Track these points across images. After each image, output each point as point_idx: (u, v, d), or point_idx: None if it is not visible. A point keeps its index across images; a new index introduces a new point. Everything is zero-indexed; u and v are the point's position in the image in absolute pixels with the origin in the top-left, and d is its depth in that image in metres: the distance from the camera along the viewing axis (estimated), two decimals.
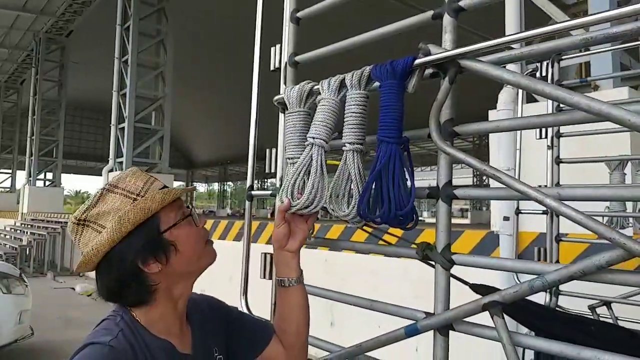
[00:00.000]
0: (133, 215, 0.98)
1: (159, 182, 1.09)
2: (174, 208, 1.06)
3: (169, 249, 1.02)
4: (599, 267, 0.86)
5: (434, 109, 1.14)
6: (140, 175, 1.08)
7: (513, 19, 4.05)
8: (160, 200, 1.02)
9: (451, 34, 1.18)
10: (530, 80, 0.96)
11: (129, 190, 1.03)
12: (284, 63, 1.69)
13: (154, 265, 1.01)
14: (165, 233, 1.02)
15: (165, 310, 1.05)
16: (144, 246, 1.00)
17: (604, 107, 0.84)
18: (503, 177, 0.97)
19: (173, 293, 1.06)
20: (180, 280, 1.07)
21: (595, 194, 0.92)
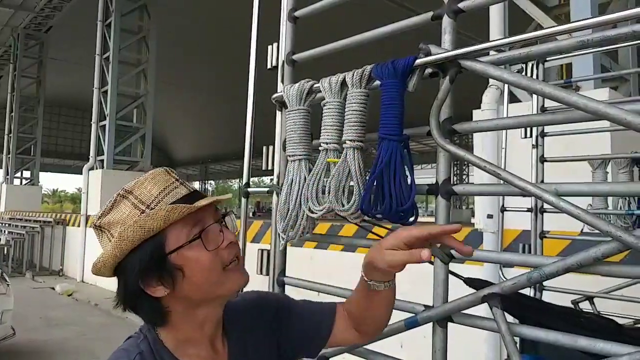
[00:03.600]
0: (132, 233, 0.87)
1: (182, 189, 0.95)
2: (187, 224, 0.91)
3: (176, 274, 0.89)
4: (596, 259, 0.91)
5: (434, 107, 1.17)
6: (161, 180, 0.95)
7: (497, 22, 4.12)
8: (163, 218, 0.88)
9: (450, 34, 1.22)
10: (531, 81, 1.01)
11: (141, 199, 0.92)
12: (281, 61, 1.71)
13: (159, 289, 0.89)
14: (171, 255, 0.89)
15: (191, 334, 0.95)
16: (145, 268, 0.89)
17: (601, 107, 0.89)
18: (503, 174, 1.01)
19: (195, 317, 0.95)
20: (198, 306, 0.94)
21: (592, 189, 0.97)
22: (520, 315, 1.43)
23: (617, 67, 4.75)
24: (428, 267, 1.27)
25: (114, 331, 6.76)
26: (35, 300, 8.82)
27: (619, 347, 0.89)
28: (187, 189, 0.95)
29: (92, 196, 11.15)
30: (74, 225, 11.66)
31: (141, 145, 12.49)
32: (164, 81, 17.93)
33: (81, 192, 11.89)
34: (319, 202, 1.37)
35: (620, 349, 0.88)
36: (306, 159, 1.44)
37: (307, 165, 1.44)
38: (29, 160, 18.47)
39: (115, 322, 7.29)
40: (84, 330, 6.77)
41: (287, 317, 1.10)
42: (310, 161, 1.45)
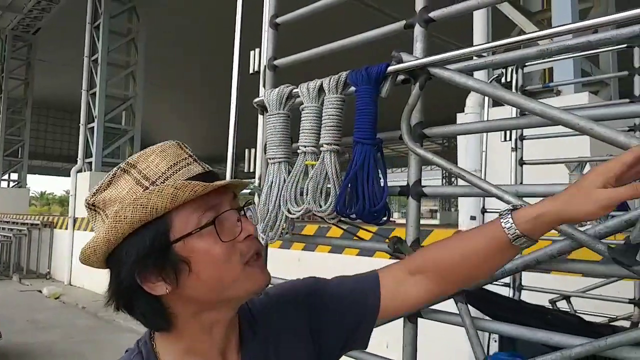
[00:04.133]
0: (131, 213, 0.72)
1: (196, 166, 0.80)
2: (199, 209, 0.75)
3: (180, 267, 0.74)
4: (551, 256, 0.96)
5: (405, 112, 1.23)
6: (170, 154, 0.79)
7: (480, 27, 4.21)
8: (170, 196, 0.72)
9: (422, 43, 1.28)
10: (493, 88, 1.06)
11: (145, 174, 0.76)
12: (263, 66, 1.76)
13: (159, 285, 0.74)
14: (176, 244, 0.74)
15: (195, 344, 0.80)
16: (144, 257, 0.73)
17: (555, 113, 0.95)
18: (467, 176, 1.06)
19: (202, 321, 0.79)
20: (207, 309, 0.79)
21: (550, 190, 1.03)
22: (494, 313, 1.49)
23: (598, 71, 4.85)
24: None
25: (101, 334, 6.75)
26: (22, 303, 8.77)
27: (573, 339, 0.95)
28: (201, 167, 0.80)
29: (80, 199, 11.10)
30: (61, 227, 11.59)
31: (130, 148, 12.44)
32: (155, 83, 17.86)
33: (69, 195, 11.83)
34: (298, 203, 1.42)
35: (573, 340, 0.94)
36: (286, 161, 1.49)
37: (286, 167, 1.49)
38: (16, 162, 18.33)
39: (102, 325, 7.28)
40: (71, 333, 6.74)
41: (321, 302, 0.92)
42: (289, 164, 1.50)
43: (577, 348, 0.92)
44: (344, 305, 0.91)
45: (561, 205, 0.79)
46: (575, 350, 0.92)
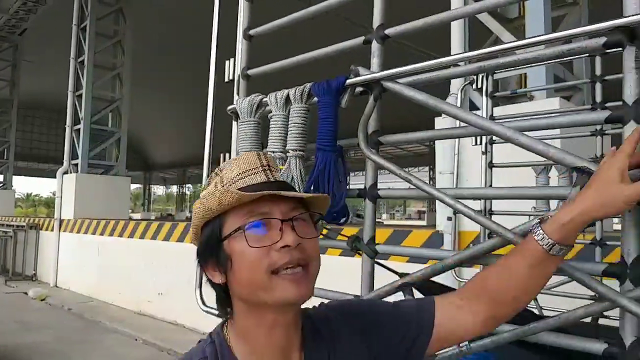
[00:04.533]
0: (197, 210, 0.85)
1: (262, 175, 0.87)
2: (247, 213, 0.82)
3: (226, 263, 0.83)
4: (485, 252, 1.08)
5: (361, 122, 1.34)
6: (244, 163, 0.88)
7: (457, 37, 4.34)
8: (217, 200, 0.82)
9: (378, 58, 1.39)
10: (437, 101, 1.17)
11: (222, 178, 0.88)
12: (237, 76, 1.86)
13: (216, 274, 0.85)
14: (224, 241, 0.83)
15: (258, 341, 0.86)
16: (204, 247, 0.86)
17: (487, 124, 1.06)
18: (413, 180, 1.18)
19: (260, 319, 0.85)
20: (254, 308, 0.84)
21: (487, 193, 1.14)
22: None
23: (572, 77, 5.01)
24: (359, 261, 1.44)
25: (87, 335, 6.79)
26: (8, 305, 8.76)
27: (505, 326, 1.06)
28: (266, 176, 0.87)
29: (66, 200, 11.09)
30: (47, 229, 11.57)
31: (116, 149, 12.45)
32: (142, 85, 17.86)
33: (55, 197, 11.80)
34: None
35: (504, 327, 1.06)
36: None
37: None
38: (2, 164, 18.19)
39: (89, 326, 7.32)
40: (58, 334, 6.77)
41: (376, 319, 0.96)
42: None
43: (506, 334, 1.04)
44: (401, 323, 0.94)
45: (590, 206, 0.83)
46: (505, 335, 1.04)
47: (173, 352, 6.03)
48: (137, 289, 8.23)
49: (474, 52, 1.10)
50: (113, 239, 9.03)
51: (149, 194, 45.42)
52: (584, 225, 0.85)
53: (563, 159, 0.94)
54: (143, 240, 8.29)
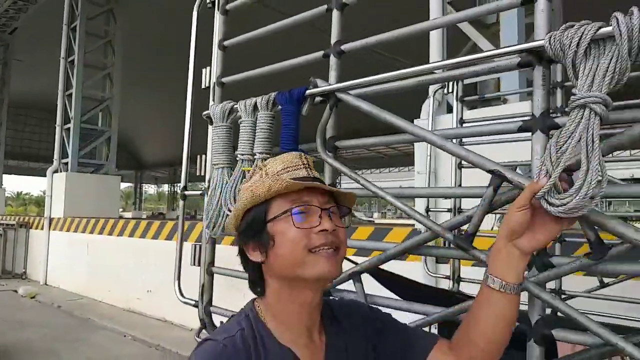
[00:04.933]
0: (244, 196, 0.99)
1: (304, 171, 1.01)
2: (291, 200, 0.96)
3: (268, 242, 0.96)
4: (418, 244, 1.23)
5: (319, 128, 1.49)
6: (288, 159, 1.03)
7: (436, 44, 4.50)
8: (268, 187, 0.95)
9: (335, 71, 1.54)
10: (379, 110, 1.32)
11: (267, 171, 1.01)
12: (212, 83, 2.00)
13: (256, 254, 0.98)
14: (268, 223, 0.96)
15: (288, 317, 0.98)
16: (247, 229, 0.98)
17: (420, 132, 1.22)
18: (360, 180, 1.33)
19: (291, 297, 0.97)
20: (290, 284, 0.97)
21: (424, 192, 1.30)
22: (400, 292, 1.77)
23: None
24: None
25: (77, 332, 6.88)
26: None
27: (435, 309, 1.22)
28: (307, 172, 1.01)
29: (56, 199, 11.15)
30: (37, 228, 11.62)
31: (106, 148, 12.53)
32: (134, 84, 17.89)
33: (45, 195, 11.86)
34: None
35: (432, 309, 1.21)
36: (228, 167, 1.75)
37: (228, 172, 1.74)
38: None
39: (79, 324, 7.41)
40: (48, 331, 6.86)
41: (382, 327, 1.08)
42: (231, 168, 1.75)
43: (435, 315, 1.19)
44: (397, 339, 1.05)
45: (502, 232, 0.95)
46: (434, 316, 1.19)
47: (161, 348, 6.15)
48: (126, 287, 8.34)
49: (415, 68, 1.25)
50: (102, 238, 9.13)
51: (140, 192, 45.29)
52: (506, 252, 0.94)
53: (481, 163, 1.09)
54: (132, 238, 8.40)
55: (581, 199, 0.88)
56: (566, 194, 0.90)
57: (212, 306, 1.86)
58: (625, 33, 0.88)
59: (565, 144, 0.92)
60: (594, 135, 0.91)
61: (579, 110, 0.93)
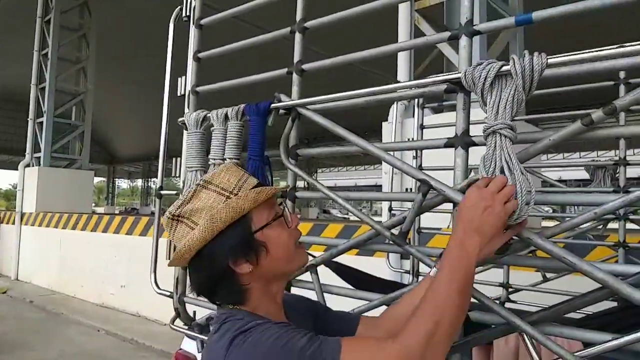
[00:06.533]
0: (225, 214, 0.97)
1: (253, 178, 1.07)
2: (266, 207, 1.03)
3: (260, 250, 1.00)
4: (364, 241, 1.44)
5: (282, 138, 1.68)
6: (235, 171, 1.06)
7: (404, 64, 4.74)
8: (253, 199, 0.99)
9: (297, 87, 1.73)
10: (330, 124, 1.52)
11: (223, 187, 1.02)
12: (187, 92, 2.17)
13: (245, 265, 0.99)
14: (256, 233, 1.00)
15: (269, 308, 1.04)
16: (235, 246, 0.98)
17: (363, 143, 1.42)
18: (315, 183, 1.53)
19: (271, 291, 1.05)
20: (272, 281, 1.05)
21: (364, 196, 1.51)
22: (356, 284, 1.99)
23: None
24: None
25: (49, 326, 6.94)
26: None
27: (376, 295, 1.43)
28: (254, 180, 1.07)
29: (27, 194, 11.09)
30: (8, 222, 11.53)
31: (79, 143, 12.46)
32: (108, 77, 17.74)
33: (15, 189, 11.73)
34: None
35: (376, 296, 1.42)
36: (201, 170, 1.93)
37: (201, 174, 1.92)
38: None
39: (51, 318, 7.46)
40: (20, 325, 6.90)
41: (326, 317, 1.21)
42: (204, 171, 1.93)
43: (375, 301, 1.41)
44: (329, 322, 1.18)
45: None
46: (374, 302, 1.40)
47: (135, 341, 6.27)
48: (100, 282, 8.40)
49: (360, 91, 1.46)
50: (75, 233, 9.15)
51: (113, 187, 44.69)
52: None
53: (412, 173, 1.31)
54: (106, 234, 8.46)
55: (520, 208, 1.05)
56: None
57: (186, 296, 2.03)
58: (520, 72, 1.10)
59: (491, 167, 1.13)
60: (510, 154, 1.12)
61: (492, 136, 1.15)
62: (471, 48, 1.31)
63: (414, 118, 3.51)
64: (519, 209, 1.06)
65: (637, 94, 1.03)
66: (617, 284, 1.01)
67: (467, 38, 1.31)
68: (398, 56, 4.88)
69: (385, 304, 1.38)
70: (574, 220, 1.12)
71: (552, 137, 1.12)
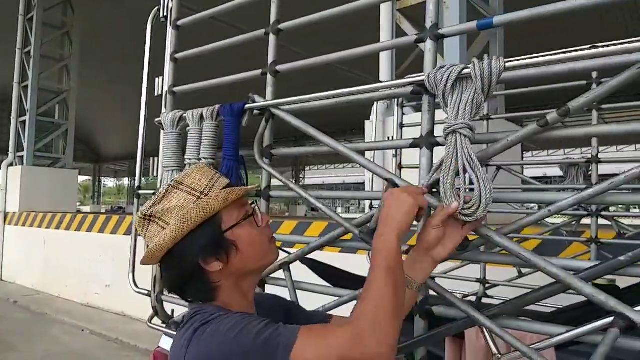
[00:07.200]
0: (195, 214, 0.99)
1: (224, 179, 1.09)
2: (236, 207, 1.06)
3: (230, 249, 1.02)
4: (334, 238, 1.48)
5: (257, 138, 1.71)
6: (206, 172, 1.08)
7: (385, 64, 4.79)
8: (223, 199, 1.02)
9: (272, 87, 1.75)
10: (305, 126, 1.55)
11: (194, 187, 1.04)
12: (165, 92, 2.19)
13: (216, 264, 1.02)
14: (227, 232, 1.03)
15: (241, 303, 1.07)
16: (205, 245, 1.01)
17: (334, 144, 1.46)
18: (289, 184, 1.56)
19: (242, 288, 1.08)
20: (243, 279, 1.07)
21: (333, 195, 1.54)
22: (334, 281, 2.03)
23: None
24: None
25: (34, 326, 6.89)
26: None
27: (346, 292, 1.47)
28: (225, 180, 1.09)
29: (11, 193, 10.97)
30: None
31: (63, 142, 12.35)
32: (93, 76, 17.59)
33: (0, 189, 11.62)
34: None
35: (346, 292, 1.46)
36: (177, 169, 1.95)
37: (177, 174, 1.94)
38: None
39: (35, 318, 7.41)
40: (3, 326, 6.84)
41: (296, 314, 1.24)
42: (181, 171, 1.95)
43: (345, 297, 1.44)
44: (300, 321, 1.10)
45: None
46: (344, 298, 1.44)
47: (119, 341, 6.25)
48: (84, 282, 8.36)
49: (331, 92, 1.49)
50: (59, 232, 9.08)
51: (99, 186, 44.28)
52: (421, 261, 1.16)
53: (379, 172, 1.35)
54: (90, 233, 8.41)
55: (485, 205, 1.10)
56: (472, 204, 1.11)
57: (163, 295, 2.06)
58: (479, 74, 1.14)
59: (452, 165, 1.17)
60: (469, 153, 1.16)
61: (452, 136, 1.19)
62: (436, 51, 1.36)
63: (394, 117, 3.56)
64: (481, 206, 1.11)
65: (590, 97, 1.07)
66: (569, 278, 1.05)
67: (432, 42, 1.34)
68: (380, 56, 4.93)
69: (357, 300, 1.41)
70: (529, 218, 1.16)
71: (509, 138, 1.16)
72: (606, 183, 1.05)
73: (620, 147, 22.66)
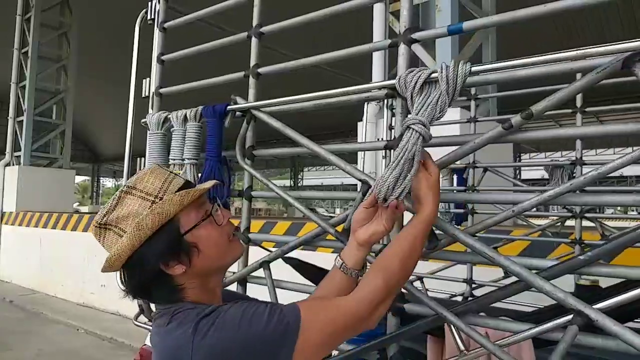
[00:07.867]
0: (151, 221, 0.97)
1: (179, 179, 1.06)
2: (194, 207, 1.03)
3: (191, 251, 1.01)
4: (314, 237, 1.51)
5: (238, 139, 1.75)
6: (159, 173, 1.04)
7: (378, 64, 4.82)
8: (178, 202, 0.99)
9: (254, 89, 1.79)
10: (282, 126, 1.58)
11: (147, 191, 1.01)
12: (151, 93, 2.22)
13: (178, 267, 1.00)
14: (186, 235, 1.01)
15: (209, 302, 1.04)
16: (165, 250, 0.99)
17: (315, 147, 1.49)
18: (269, 183, 1.59)
19: (208, 286, 1.07)
20: (208, 277, 1.06)
21: (314, 195, 1.58)
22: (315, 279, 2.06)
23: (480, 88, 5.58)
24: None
25: (29, 325, 6.91)
26: None
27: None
28: (182, 179, 1.06)
29: (8, 193, 10.99)
30: None
31: (60, 142, 12.36)
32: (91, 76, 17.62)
33: None
34: None
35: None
36: None
37: None
38: None
39: (31, 317, 7.42)
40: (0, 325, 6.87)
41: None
42: None
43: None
44: None
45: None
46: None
47: (114, 340, 6.27)
48: (80, 281, 8.38)
49: (310, 95, 1.52)
50: (56, 232, 9.10)
51: (98, 186, 44.27)
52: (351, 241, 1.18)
53: (353, 173, 1.38)
54: (86, 233, 8.43)
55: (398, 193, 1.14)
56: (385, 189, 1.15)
57: None
58: (445, 78, 1.18)
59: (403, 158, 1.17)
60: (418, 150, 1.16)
61: (407, 131, 1.19)
62: (409, 55, 1.39)
63: (383, 119, 3.60)
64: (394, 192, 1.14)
65: (550, 101, 1.11)
66: (531, 276, 1.09)
67: (406, 46, 1.38)
68: (373, 56, 4.96)
69: None
70: (495, 218, 1.19)
71: (476, 141, 1.20)
72: (567, 184, 1.09)
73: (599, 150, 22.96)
